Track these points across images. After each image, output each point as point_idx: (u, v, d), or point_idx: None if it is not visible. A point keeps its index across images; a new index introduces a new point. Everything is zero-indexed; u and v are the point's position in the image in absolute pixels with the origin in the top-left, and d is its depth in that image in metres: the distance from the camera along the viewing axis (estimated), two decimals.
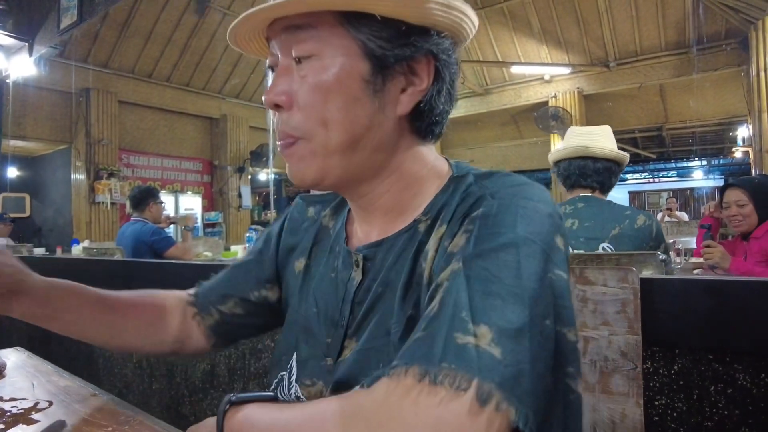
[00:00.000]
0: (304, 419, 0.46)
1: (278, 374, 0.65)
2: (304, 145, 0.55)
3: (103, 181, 6.96)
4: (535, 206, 0.50)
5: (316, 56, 0.53)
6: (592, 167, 1.63)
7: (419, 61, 0.55)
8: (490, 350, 0.39)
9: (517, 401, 0.37)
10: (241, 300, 0.73)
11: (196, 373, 1.85)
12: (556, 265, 0.47)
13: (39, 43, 3.24)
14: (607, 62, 6.88)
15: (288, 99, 0.55)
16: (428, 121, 0.57)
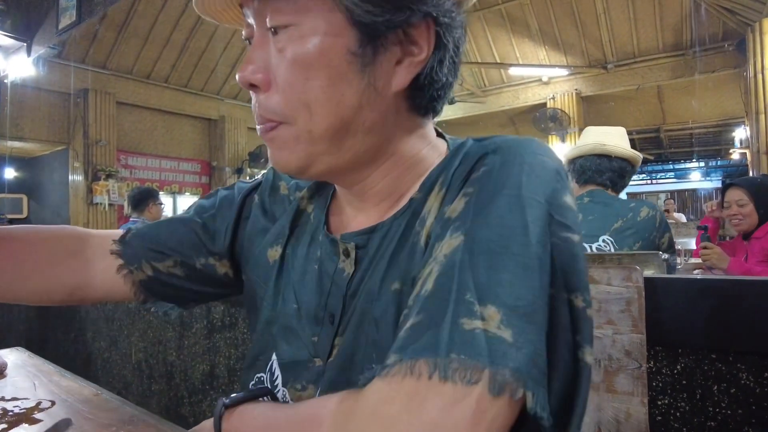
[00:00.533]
0: (297, 422, 0.44)
1: (254, 376, 0.59)
2: (285, 129, 0.49)
3: (101, 182, 6.95)
4: (542, 161, 0.45)
5: (294, 25, 0.46)
6: (607, 165, 1.66)
7: (417, 27, 0.47)
8: (499, 334, 0.36)
9: (533, 384, 0.35)
10: (182, 263, 0.65)
11: (196, 374, 1.84)
12: (566, 227, 0.42)
13: (37, 44, 3.22)
14: (605, 64, 6.90)
15: (265, 77, 0.48)
16: (429, 96, 0.50)
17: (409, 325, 0.38)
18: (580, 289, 0.42)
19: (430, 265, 0.42)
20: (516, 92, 7.95)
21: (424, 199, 0.50)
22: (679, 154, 9.50)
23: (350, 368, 0.49)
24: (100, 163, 7.03)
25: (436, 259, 0.42)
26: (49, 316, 2.80)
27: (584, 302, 0.42)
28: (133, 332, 2.18)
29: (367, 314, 0.49)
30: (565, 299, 0.41)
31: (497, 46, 7.22)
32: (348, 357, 0.50)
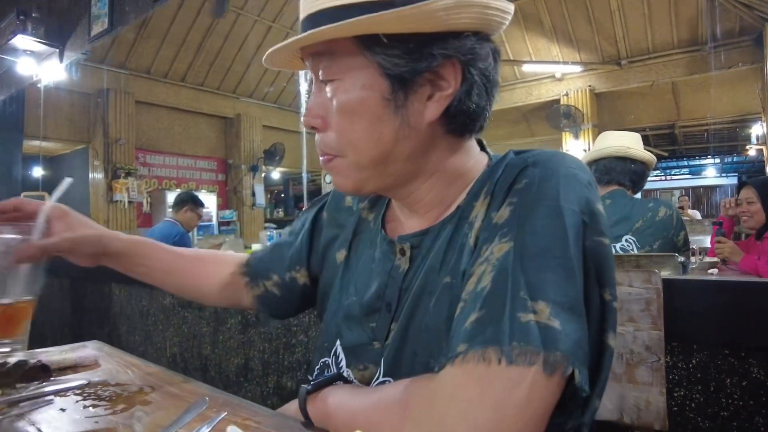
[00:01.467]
0: (383, 406, 0.50)
1: (320, 360, 0.69)
2: (340, 161, 0.59)
3: (120, 180, 7.06)
4: (575, 174, 0.52)
5: (339, 80, 0.56)
6: (630, 167, 1.76)
7: (443, 66, 0.54)
8: (550, 323, 0.44)
9: (579, 364, 0.43)
10: (279, 278, 0.78)
11: (230, 368, 1.94)
12: (598, 232, 0.50)
13: (69, 50, 3.34)
14: (618, 60, 6.88)
15: (323, 122, 0.58)
16: (462, 121, 0.58)
17: (474, 319, 0.46)
18: (608, 285, 0.51)
19: (483, 265, 0.50)
20: (529, 89, 7.95)
21: (470, 205, 0.58)
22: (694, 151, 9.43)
23: (404, 349, 0.57)
24: (120, 162, 7.15)
25: (488, 260, 0.50)
26: (83, 311, 2.93)
27: (611, 296, 0.51)
28: (168, 327, 2.29)
29: (420, 303, 0.58)
30: (597, 293, 0.50)
31: (510, 43, 7.23)
32: (403, 339, 0.58)
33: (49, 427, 0.54)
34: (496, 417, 0.41)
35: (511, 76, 7.95)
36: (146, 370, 0.76)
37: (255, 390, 1.84)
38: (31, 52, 3.52)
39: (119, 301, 2.62)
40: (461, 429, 0.42)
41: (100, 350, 0.87)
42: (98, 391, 0.66)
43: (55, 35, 3.42)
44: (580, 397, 0.45)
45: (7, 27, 3.81)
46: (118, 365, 0.79)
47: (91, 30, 2.98)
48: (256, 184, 8.61)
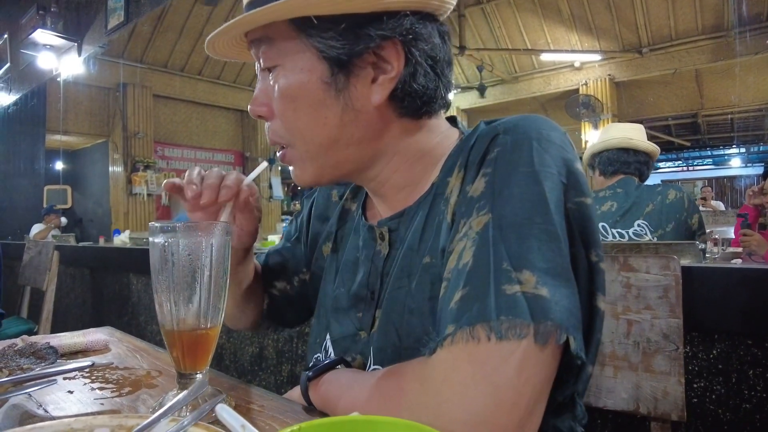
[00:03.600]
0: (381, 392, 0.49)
1: (313, 357, 0.69)
2: (291, 151, 0.58)
3: (139, 173, 7.17)
4: (549, 135, 0.50)
5: (279, 66, 0.55)
6: (633, 158, 1.79)
7: (384, 48, 0.53)
8: (537, 292, 0.42)
9: (573, 330, 0.42)
10: (287, 284, 0.78)
11: (245, 357, 1.95)
12: (579, 192, 0.49)
13: (87, 43, 3.38)
14: (639, 48, 6.72)
15: (268, 110, 0.57)
16: (412, 104, 0.56)
17: (459, 298, 0.45)
18: (594, 246, 0.49)
19: (462, 241, 0.48)
20: (547, 78, 7.83)
21: (444, 181, 0.56)
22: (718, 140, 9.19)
23: (390, 335, 0.56)
24: (138, 155, 7.25)
25: (468, 235, 0.48)
26: (103, 301, 2.98)
27: (597, 257, 0.50)
28: None
29: (401, 287, 0.57)
30: (583, 256, 0.49)
31: (528, 32, 7.11)
32: (387, 326, 0.57)
33: (56, 408, 0.55)
34: (491, 395, 0.40)
35: (529, 65, 7.83)
36: (155, 355, 0.76)
37: (269, 378, 1.85)
38: (50, 46, 3.58)
39: (137, 291, 2.66)
40: (457, 411, 0.41)
41: (111, 335, 0.88)
42: (106, 374, 0.66)
43: (74, 29, 3.47)
44: (575, 365, 0.43)
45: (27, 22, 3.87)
46: (128, 350, 0.79)
47: (107, 23, 3.01)
48: (273, 177, 8.66)
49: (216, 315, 0.52)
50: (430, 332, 0.50)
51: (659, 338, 0.80)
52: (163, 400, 0.53)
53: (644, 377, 0.80)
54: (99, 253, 3.21)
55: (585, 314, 0.48)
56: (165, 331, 0.51)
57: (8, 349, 0.64)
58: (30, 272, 2.51)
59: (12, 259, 3.22)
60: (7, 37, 4.64)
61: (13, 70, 4.69)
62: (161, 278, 0.50)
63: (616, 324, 0.85)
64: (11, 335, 2.31)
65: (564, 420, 0.50)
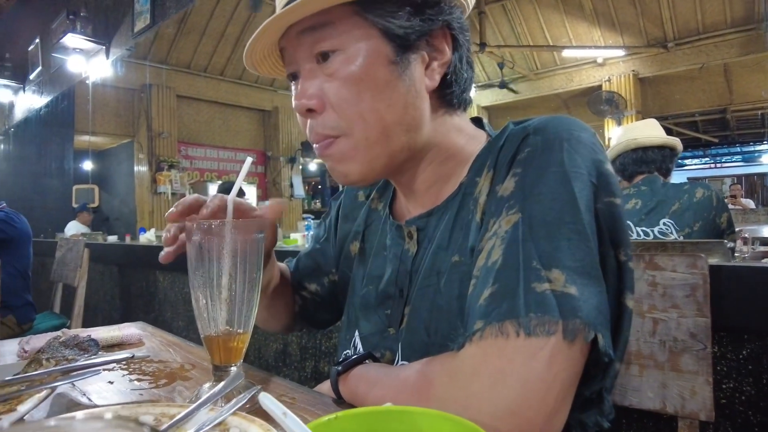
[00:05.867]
0: (409, 384, 0.49)
1: (342, 353, 0.69)
2: (344, 141, 0.55)
3: (164, 172, 7.30)
4: (579, 136, 0.51)
5: (340, 50, 0.53)
6: (644, 156, 1.75)
7: (436, 35, 0.55)
8: (566, 291, 0.43)
9: (602, 328, 0.43)
10: (318, 285, 0.80)
11: (269, 353, 1.99)
12: (608, 192, 0.49)
13: (115, 46, 3.47)
14: (665, 43, 6.58)
15: (319, 102, 0.54)
16: (457, 90, 0.58)
17: (488, 294, 0.46)
18: (622, 246, 0.50)
19: (492, 240, 0.49)
20: (569, 75, 7.73)
21: (473, 181, 0.57)
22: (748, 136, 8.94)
23: (419, 332, 0.57)
24: (163, 155, 7.38)
25: (497, 234, 0.49)
26: (130, 297, 3.06)
27: (626, 256, 0.50)
28: None
29: (430, 285, 0.57)
30: (611, 255, 0.49)
31: (549, 28, 7.02)
32: (416, 323, 0.58)
33: (98, 397, 0.57)
34: (520, 390, 0.41)
35: (551, 62, 7.74)
36: (187, 349, 0.79)
37: (293, 374, 1.88)
38: (80, 50, 3.68)
39: (163, 288, 2.72)
40: (486, 404, 0.42)
41: (143, 330, 0.91)
42: (142, 367, 0.69)
43: (102, 33, 3.56)
44: (602, 362, 0.44)
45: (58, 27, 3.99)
46: (161, 344, 0.82)
47: (134, 26, 3.08)
48: (294, 176, 8.75)
49: (249, 310, 0.54)
50: (458, 329, 0.51)
51: (686, 337, 0.80)
52: (199, 391, 0.55)
53: (671, 376, 0.80)
54: (127, 250, 3.30)
55: (613, 312, 0.48)
56: (201, 326, 0.53)
57: (53, 340, 0.67)
58: (62, 269, 2.59)
59: (44, 256, 3.33)
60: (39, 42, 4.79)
61: (45, 73, 4.83)
62: (197, 274, 0.52)
63: (642, 322, 0.84)
64: (44, 329, 2.39)
65: (590, 415, 0.50)
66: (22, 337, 0.79)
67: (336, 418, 0.33)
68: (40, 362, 0.60)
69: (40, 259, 3.38)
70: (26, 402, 0.46)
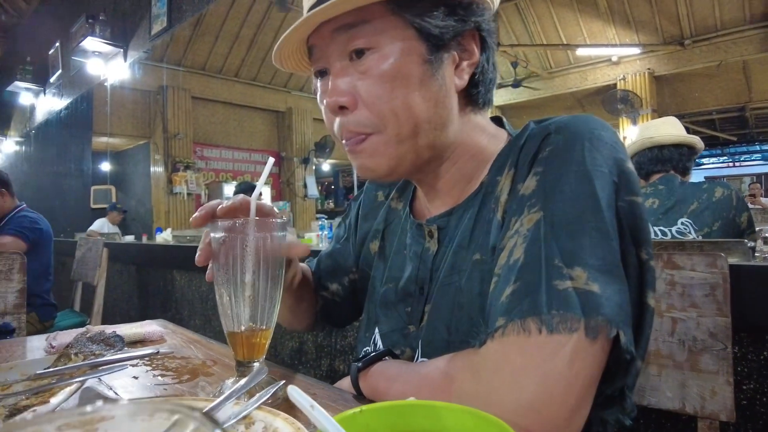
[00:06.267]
0: (431, 380, 0.50)
1: (362, 350, 0.70)
2: (376, 138, 0.56)
3: (179, 173, 7.38)
4: (600, 135, 0.51)
5: (374, 48, 0.54)
6: (661, 155, 1.72)
7: (466, 36, 0.56)
8: (588, 288, 0.43)
9: (623, 325, 0.43)
10: (339, 285, 0.80)
11: (285, 351, 2.00)
12: (630, 191, 0.49)
13: (132, 49, 3.53)
14: (681, 40, 6.48)
15: (352, 99, 0.55)
16: (483, 90, 0.59)
17: (510, 292, 0.46)
18: (644, 244, 0.50)
19: (513, 238, 0.50)
20: (584, 73, 7.65)
21: (494, 180, 0.58)
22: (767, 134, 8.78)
23: (439, 330, 0.58)
24: (179, 155, 7.46)
25: (519, 232, 0.49)
26: (148, 295, 3.11)
27: (647, 255, 0.50)
28: None
29: (451, 283, 0.58)
30: (633, 253, 0.49)
31: (563, 27, 6.97)
32: (436, 320, 0.58)
33: (124, 391, 0.59)
34: (542, 386, 0.42)
35: (565, 60, 7.68)
36: (207, 346, 0.80)
37: (308, 372, 1.89)
38: (98, 53, 3.75)
39: (180, 287, 2.76)
40: (508, 400, 0.42)
41: (164, 327, 0.93)
42: (165, 363, 0.71)
43: (120, 36, 3.62)
44: (624, 360, 0.44)
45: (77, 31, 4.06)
46: (182, 341, 0.83)
47: (151, 29, 3.13)
48: (308, 176, 8.79)
49: (272, 307, 0.55)
50: (479, 326, 0.51)
51: (706, 337, 0.79)
52: (223, 386, 0.56)
53: (690, 376, 0.79)
54: (144, 250, 3.35)
55: (635, 311, 0.48)
56: (225, 322, 0.55)
57: (81, 336, 0.69)
58: (81, 268, 2.64)
59: (64, 255, 3.39)
60: (59, 46, 4.88)
61: (65, 76, 4.93)
62: (221, 271, 0.53)
63: (660, 321, 0.84)
64: (65, 327, 2.44)
65: (612, 412, 0.51)
66: (45, 334, 0.81)
67: (361, 412, 0.34)
68: (69, 357, 0.62)
69: (60, 258, 3.44)
70: (58, 395, 0.48)
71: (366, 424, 0.34)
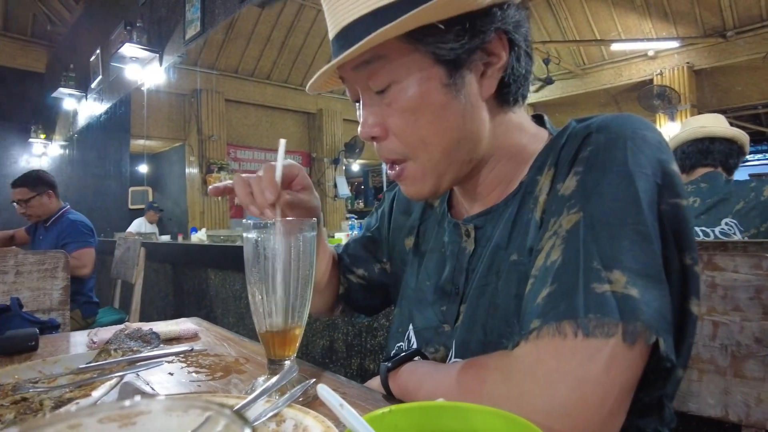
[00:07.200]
0: (462, 382, 0.49)
1: (395, 345, 0.70)
2: (411, 165, 0.57)
3: (214, 174, 7.55)
4: (644, 135, 0.49)
5: (394, 82, 0.54)
6: (711, 147, 1.65)
7: (491, 41, 0.54)
8: (627, 293, 0.42)
9: (663, 332, 0.42)
10: (366, 271, 0.81)
11: (316, 349, 2.02)
12: (674, 193, 0.48)
13: (168, 54, 3.63)
14: (723, 32, 6.23)
15: (381, 130, 0.57)
16: (514, 89, 0.57)
17: (546, 294, 0.45)
18: (688, 249, 0.48)
19: (551, 239, 0.48)
20: (618, 69, 7.45)
21: (534, 180, 0.56)
22: None
23: (474, 330, 0.57)
24: (213, 157, 7.63)
25: (557, 233, 0.48)
26: (183, 293, 3.19)
27: (692, 260, 0.48)
28: None
29: (488, 284, 0.57)
30: (676, 258, 0.47)
31: (597, 22, 6.80)
32: (472, 321, 0.58)
33: (160, 387, 0.61)
34: (576, 390, 0.41)
35: (599, 56, 7.49)
36: (240, 344, 0.82)
37: (339, 371, 1.90)
38: (136, 58, 3.87)
39: (215, 285, 2.82)
40: (540, 402, 0.41)
41: (199, 325, 0.95)
42: (199, 360, 0.72)
43: (156, 41, 3.73)
44: (664, 368, 0.43)
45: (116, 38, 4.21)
46: (215, 339, 0.85)
47: (185, 34, 3.21)
48: (338, 177, 8.85)
49: (303, 304, 0.56)
50: (515, 327, 0.51)
51: (750, 342, 0.76)
52: (254, 384, 0.57)
53: (734, 383, 0.76)
54: (180, 249, 3.44)
55: (677, 317, 0.47)
56: (257, 320, 0.56)
57: (119, 333, 0.71)
58: (120, 267, 2.74)
59: (104, 254, 3.52)
60: (99, 53, 5.07)
61: (104, 81, 5.11)
62: (254, 270, 0.54)
63: (701, 325, 0.81)
64: (106, 324, 2.53)
65: (649, 421, 0.49)
66: (87, 329, 0.84)
67: (390, 412, 0.34)
68: (109, 352, 0.64)
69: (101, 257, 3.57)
70: (99, 388, 0.49)
71: (395, 424, 0.34)
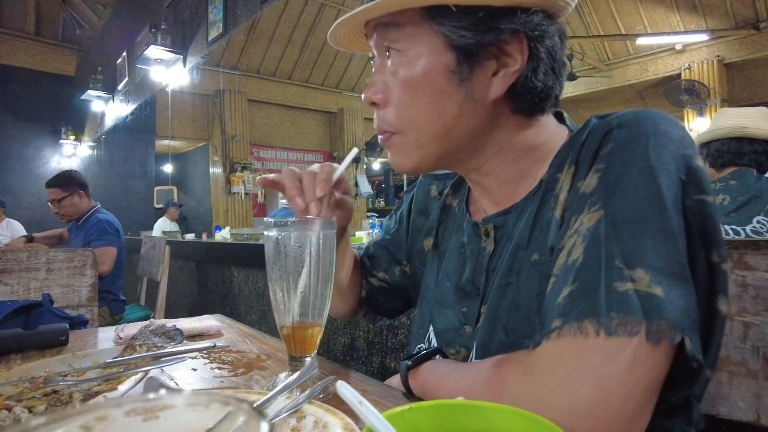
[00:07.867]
0: (482, 380, 0.49)
1: (416, 347, 0.70)
2: (399, 139, 0.58)
3: (237, 173, 7.66)
4: (666, 130, 0.48)
5: (402, 51, 0.55)
6: (748, 148, 1.58)
7: (509, 43, 0.53)
8: (650, 291, 0.41)
9: (689, 331, 0.40)
10: (387, 274, 0.81)
11: (337, 347, 2.04)
12: (699, 189, 0.46)
13: (191, 55, 3.70)
14: (756, 23, 6.04)
15: (383, 97, 0.58)
16: (529, 100, 0.56)
17: (567, 293, 0.44)
18: (714, 246, 0.46)
19: (573, 237, 0.48)
20: (644, 64, 7.30)
21: (554, 177, 0.55)
22: None
23: (495, 331, 0.57)
24: (236, 157, 7.74)
25: (579, 231, 0.47)
26: (207, 291, 3.24)
27: (719, 257, 0.47)
28: None
29: (508, 284, 0.56)
30: (702, 256, 0.46)
31: (622, 16, 6.66)
32: (493, 322, 0.57)
33: (184, 382, 0.62)
34: (598, 390, 0.40)
35: (624, 52, 7.35)
36: (262, 340, 0.83)
37: (360, 369, 1.91)
38: (160, 60, 3.95)
39: (238, 283, 2.86)
40: (562, 402, 0.41)
41: (221, 322, 0.97)
42: (222, 356, 0.73)
43: (179, 43, 3.80)
44: (690, 368, 0.42)
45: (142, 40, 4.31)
46: (238, 335, 0.86)
47: (208, 35, 3.26)
48: (359, 175, 8.88)
49: (323, 302, 0.56)
50: (536, 327, 0.50)
51: None
52: (276, 380, 0.58)
53: (766, 386, 0.74)
54: (204, 247, 3.50)
55: (704, 317, 0.46)
56: (278, 317, 0.56)
57: (144, 329, 0.73)
58: (146, 265, 2.80)
59: (131, 252, 3.60)
60: (126, 55, 5.20)
61: (131, 83, 5.24)
62: (275, 268, 0.55)
63: (731, 326, 0.78)
64: (133, 320, 2.59)
65: (676, 423, 0.48)
66: (114, 326, 0.86)
67: (410, 410, 0.34)
68: (134, 348, 0.66)
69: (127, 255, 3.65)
70: (125, 382, 0.51)
71: (414, 423, 0.34)
